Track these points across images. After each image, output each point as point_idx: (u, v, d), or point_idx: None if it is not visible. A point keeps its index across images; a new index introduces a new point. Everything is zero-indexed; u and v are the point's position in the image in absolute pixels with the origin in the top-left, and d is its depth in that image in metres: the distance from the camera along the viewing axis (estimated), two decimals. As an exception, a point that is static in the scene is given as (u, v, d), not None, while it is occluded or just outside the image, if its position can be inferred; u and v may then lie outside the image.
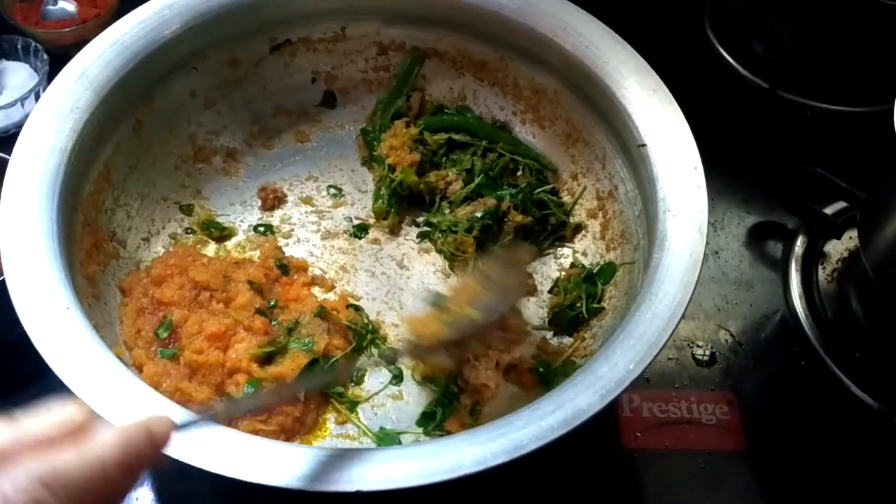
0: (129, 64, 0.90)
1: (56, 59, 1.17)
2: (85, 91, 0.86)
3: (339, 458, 0.64)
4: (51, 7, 1.26)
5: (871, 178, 0.99)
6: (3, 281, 0.74)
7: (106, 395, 0.66)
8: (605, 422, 0.91)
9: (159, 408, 0.66)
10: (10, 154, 0.88)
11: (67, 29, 1.21)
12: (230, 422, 0.75)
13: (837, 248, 1.08)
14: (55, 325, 0.70)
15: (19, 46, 1.20)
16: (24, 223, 0.75)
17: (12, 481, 0.41)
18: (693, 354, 0.98)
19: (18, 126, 1.14)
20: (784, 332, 1.01)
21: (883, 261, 0.95)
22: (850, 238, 1.07)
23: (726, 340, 1.00)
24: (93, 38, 1.21)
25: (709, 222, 0.81)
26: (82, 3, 1.27)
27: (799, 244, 1.07)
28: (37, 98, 1.15)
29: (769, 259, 1.08)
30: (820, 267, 1.06)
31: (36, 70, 1.19)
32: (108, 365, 0.68)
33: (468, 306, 0.80)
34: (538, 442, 0.64)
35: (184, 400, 0.79)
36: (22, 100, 1.13)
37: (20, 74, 1.20)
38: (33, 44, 1.20)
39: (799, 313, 1.01)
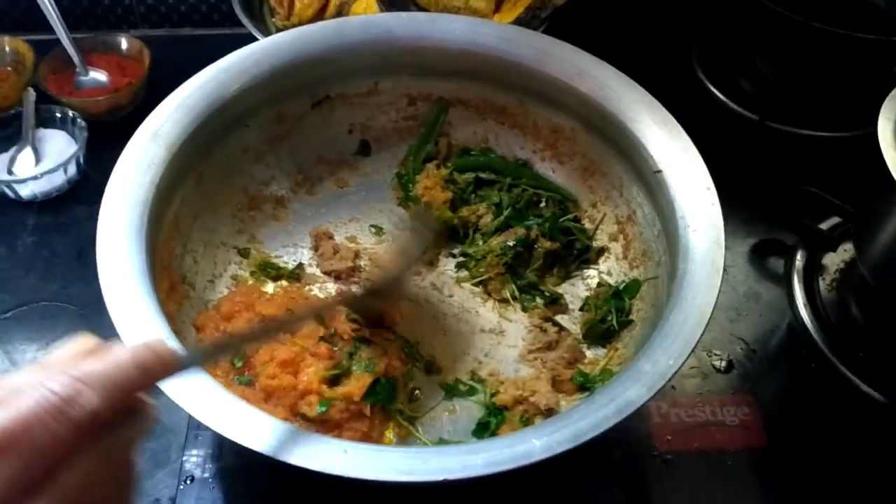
0: (194, 123, 0.97)
1: (92, 125, 1.25)
2: (159, 149, 0.93)
3: (422, 455, 0.71)
4: (83, 78, 1.34)
5: (859, 193, 1.07)
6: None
7: (216, 412, 0.72)
8: (638, 429, 0.98)
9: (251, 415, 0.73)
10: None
11: (101, 98, 1.28)
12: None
13: (834, 260, 1.15)
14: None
15: (57, 115, 1.27)
16: (121, 271, 0.81)
17: (52, 378, 0.49)
18: (712, 363, 1.05)
19: (60, 190, 1.21)
20: (793, 339, 1.08)
21: (878, 266, 1.02)
22: (846, 250, 1.15)
23: (741, 349, 1.06)
24: (125, 104, 1.33)
25: (718, 238, 0.88)
26: (113, 73, 1.35)
27: (799, 258, 1.14)
28: (77, 164, 1.22)
29: (773, 274, 1.15)
30: (820, 278, 1.13)
31: (74, 137, 1.26)
32: (208, 384, 0.74)
33: None
34: (596, 430, 0.70)
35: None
36: (64, 165, 1.19)
37: (59, 142, 1.26)
38: (70, 112, 1.26)
39: (805, 321, 1.07)
